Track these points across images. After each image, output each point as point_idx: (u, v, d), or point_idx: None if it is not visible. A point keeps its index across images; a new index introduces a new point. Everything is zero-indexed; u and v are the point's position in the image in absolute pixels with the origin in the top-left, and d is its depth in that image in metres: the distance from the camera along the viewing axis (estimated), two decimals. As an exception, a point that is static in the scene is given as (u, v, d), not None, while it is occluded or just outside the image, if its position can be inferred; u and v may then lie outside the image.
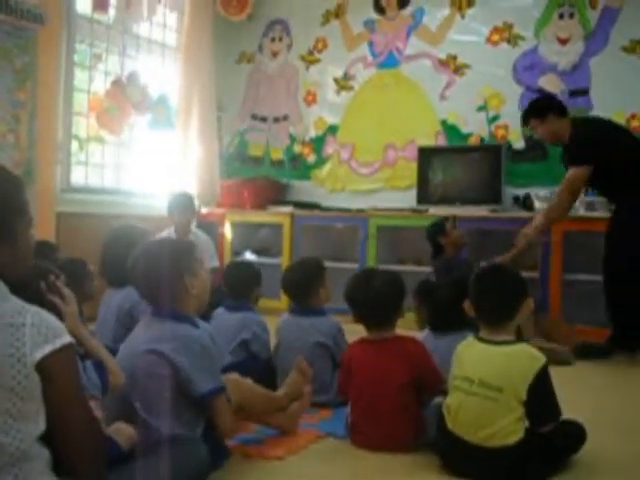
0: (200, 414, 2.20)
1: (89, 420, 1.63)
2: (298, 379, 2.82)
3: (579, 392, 3.35)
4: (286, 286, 3.32)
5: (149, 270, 2.24)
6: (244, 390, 2.45)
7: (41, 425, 1.53)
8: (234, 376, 2.46)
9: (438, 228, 4.78)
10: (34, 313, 1.53)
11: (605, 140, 4.32)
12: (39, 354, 1.49)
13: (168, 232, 5.13)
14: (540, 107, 4.53)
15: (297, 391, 2.77)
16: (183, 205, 5.15)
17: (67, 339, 1.56)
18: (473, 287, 2.44)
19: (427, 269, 5.22)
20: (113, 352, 2.25)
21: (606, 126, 4.51)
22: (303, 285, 3.24)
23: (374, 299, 2.65)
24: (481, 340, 2.38)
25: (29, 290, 1.77)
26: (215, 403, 2.19)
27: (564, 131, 4.45)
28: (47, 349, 1.51)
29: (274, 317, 3.65)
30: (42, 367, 1.50)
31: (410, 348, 2.62)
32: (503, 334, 2.35)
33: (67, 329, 1.62)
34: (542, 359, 2.28)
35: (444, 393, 2.48)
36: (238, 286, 3.42)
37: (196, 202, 6.12)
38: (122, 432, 2.09)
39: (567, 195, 4.39)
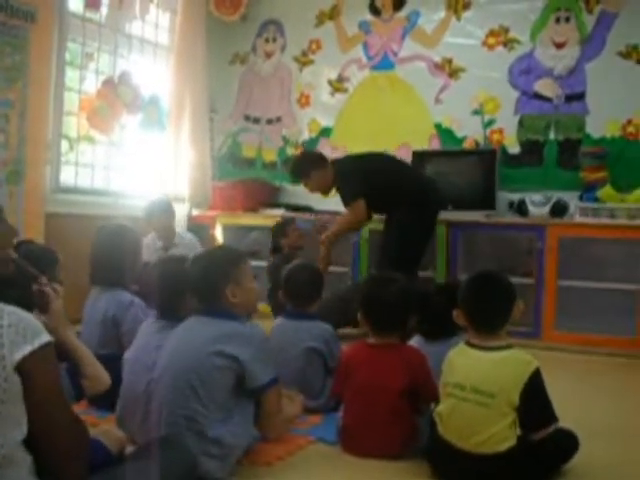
0: (251, 408, 2.37)
1: (72, 419, 1.61)
2: (289, 405, 2.82)
3: (571, 400, 3.31)
4: (292, 287, 3.31)
5: (202, 274, 2.42)
6: None
7: (24, 428, 1.49)
8: None
9: (280, 230, 5.26)
10: (10, 313, 1.50)
11: (363, 173, 4.77)
12: (19, 355, 1.46)
13: (152, 236, 5.07)
14: (302, 168, 4.98)
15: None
16: (160, 210, 5.07)
17: (46, 338, 1.53)
18: (466, 295, 2.43)
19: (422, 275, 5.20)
20: (98, 357, 2.22)
21: (359, 161, 4.99)
22: (311, 288, 3.30)
23: (390, 304, 2.69)
24: (472, 346, 2.38)
25: (13, 291, 1.78)
26: (270, 393, 2.37)
27: (330, 178, 4.92)
28: (27, 349, 1.47)
29: (264, 321, 3.61)
30: (22, 368, 1.47)
31: (410, 356, 2.66)
32: (495, 340, 2.35)
33: (53, 329, 1.66)
34: (534, 363, 2.28)
35: (436, 400, 2.49)
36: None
37: (185, 205, 6.10)
38: (111, 435, 2.11)
39: (347, 226, 4.90)
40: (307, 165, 4.95)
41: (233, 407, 2.30)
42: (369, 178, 4.73)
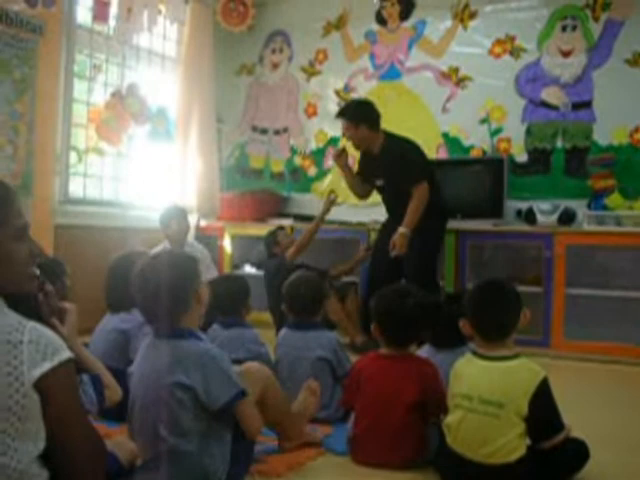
0: (227, 430, 2.17)
1: (90, 435, 1.60)
2: (309, 399, 2.82)
3: (581, 409, 3.29)
4: (294, 301, 3.29)
5: (157, 285, 2.12)
6: (267, 378, 2.48)
7: (40, 444, 1.49)
8: (256, 365, 2.49)
9: (271, 239, 5.26)
10: (32, 329, 1.49)
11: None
12: (37, 372, 1.46)
13: (163, 246, 5.07)
14: (356, 115, 4.73)
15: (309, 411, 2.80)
16: (178, 216, 5.13)
17: (66, 355, 1.52)
18: (472, 304, 2.42)
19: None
20: (108, 369, 2.22)
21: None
22: (314, 301, 3.27)
23: (406, 318, 2.66)
24: (479, 356, 2.36)
25: (27, 304, 1.72)
26: (239, 408, 2.15)
27: (374, 142, 4.75)
28: (46, 367, 1.47)
29: (272, 330, 3.63)
30: (41, 385, 1.47)
31: (423, 369, 2.63)
32: (501, 349, 2.33)
33: (69, 342, 1.62)
34: (542, 372, 2.26)
35: (445, 412, 2.47)
36: (229, 301, 3.38)
37: (193, 215, 6.11)
38: (123, 447, 2.12)
39: (421, 209, 4.62)
40: (362, 117, 4.73)
41: (209, 431, 2.13)
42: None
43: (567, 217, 5.05)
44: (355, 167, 5.07)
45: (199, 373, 2.08)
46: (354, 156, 5.07)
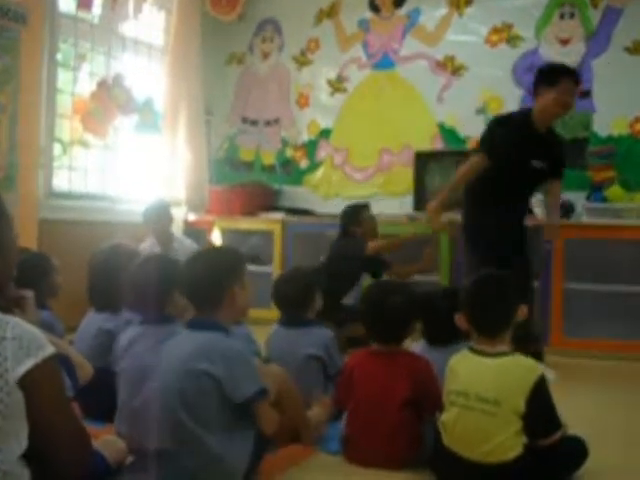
0: (248, 427, 2.22)
1: (75, 430, 1.60)
2: (320, 412, 2.84)
3: (581, 406, 3.29)
4: (281, 300, 3.24)
5: (198, 276, 2.29)
6: (284, 380, 2.55)
7: (23, 443, 1.47)
8: (275, 367, 2.60)
9: (352, 217, 4.80)
10: (15, 325, 1.48)
11: None
12: (22, 369, 1.44)
13: (151, 242, 5.05)
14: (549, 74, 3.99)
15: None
16: (158, 214, 5.06)
17: (49, 350, 1.51)
18: (467, 298, 2.39)
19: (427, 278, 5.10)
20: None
21: None
22: (301, 300, 3.20)
23: (394, 315, 2.63)
24: (475, 352, 2.34)
25: None
26: (259, 406, 2.21)
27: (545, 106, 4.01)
28: (30, 363, 1.45)
29: (264, 327, 3.55)
30: (25, 382, 1.45)
31: (416, 366, 2.60)
32: (498, 345, 2.30)
33: None
34: (538, 370, 2.25)
35: (440, 409, 2.44)
36: None
37: (182, 209, 6.00)
38: (112, 446, 2.14)
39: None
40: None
41: (233, 427, 2.17)
42: None
43: (566, 210, 4.98)
44: None
45: (225, 365, 2.14)
46: None
